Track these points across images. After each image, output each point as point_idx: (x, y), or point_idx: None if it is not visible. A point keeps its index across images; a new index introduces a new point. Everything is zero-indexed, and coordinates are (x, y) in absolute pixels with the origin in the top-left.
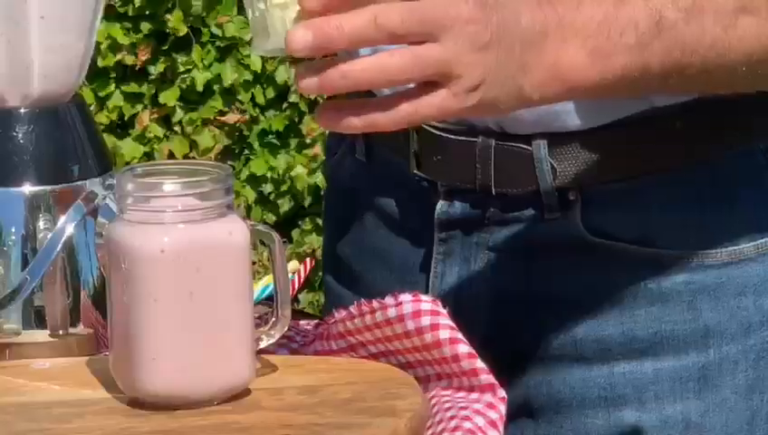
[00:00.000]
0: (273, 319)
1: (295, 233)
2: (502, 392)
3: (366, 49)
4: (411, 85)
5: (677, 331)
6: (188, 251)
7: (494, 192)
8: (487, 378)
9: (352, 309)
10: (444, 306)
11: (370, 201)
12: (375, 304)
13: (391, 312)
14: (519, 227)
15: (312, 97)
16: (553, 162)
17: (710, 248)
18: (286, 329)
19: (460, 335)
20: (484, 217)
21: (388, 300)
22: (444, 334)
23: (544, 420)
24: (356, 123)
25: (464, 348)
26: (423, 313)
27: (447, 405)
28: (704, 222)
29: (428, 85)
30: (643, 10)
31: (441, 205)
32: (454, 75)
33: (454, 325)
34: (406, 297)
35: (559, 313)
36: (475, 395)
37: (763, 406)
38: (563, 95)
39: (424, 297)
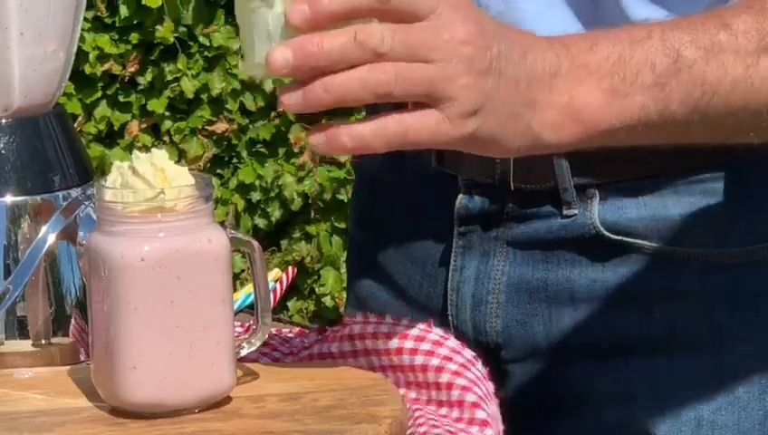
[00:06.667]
0: (254, 327)
1: (284, 241)
2: (490, 432)
3: None
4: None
5: (692, 329)
6: (168, 260)
7: (512, 187)
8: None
9: (371, 317)
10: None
11: (394, 192)
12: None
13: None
14: (537, 223)
15: None
16: (571, 159)
17: (727, 248)
18: (267, 337)
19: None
20: (503, 212)
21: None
22: (461, 381)
23: (558, 414)
24: (346, 143)
25: (472, 397)
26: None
27: (430, 415)
28: (722, 221)
29: (420, 106)
30: (660, 50)
31: (461, 199)
32: (445, 97)
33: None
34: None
35: (575, 308)
36: (455, 414)
37: None
38: (582, 138)
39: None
